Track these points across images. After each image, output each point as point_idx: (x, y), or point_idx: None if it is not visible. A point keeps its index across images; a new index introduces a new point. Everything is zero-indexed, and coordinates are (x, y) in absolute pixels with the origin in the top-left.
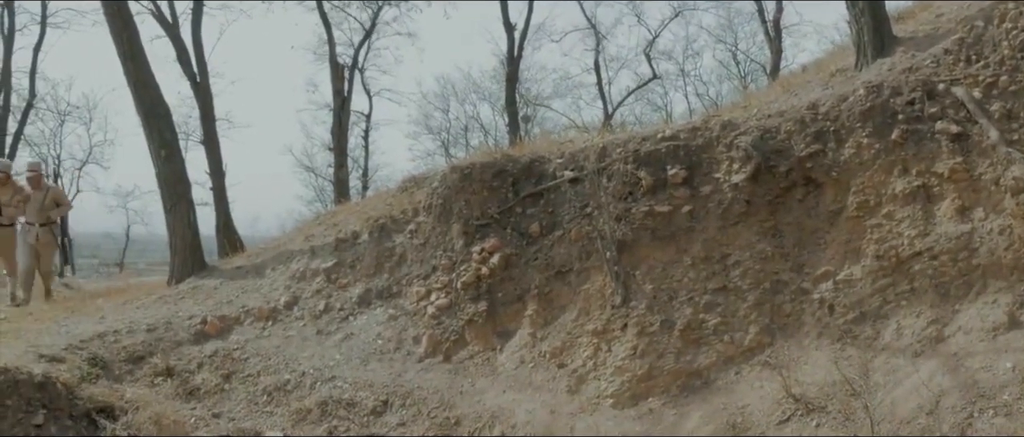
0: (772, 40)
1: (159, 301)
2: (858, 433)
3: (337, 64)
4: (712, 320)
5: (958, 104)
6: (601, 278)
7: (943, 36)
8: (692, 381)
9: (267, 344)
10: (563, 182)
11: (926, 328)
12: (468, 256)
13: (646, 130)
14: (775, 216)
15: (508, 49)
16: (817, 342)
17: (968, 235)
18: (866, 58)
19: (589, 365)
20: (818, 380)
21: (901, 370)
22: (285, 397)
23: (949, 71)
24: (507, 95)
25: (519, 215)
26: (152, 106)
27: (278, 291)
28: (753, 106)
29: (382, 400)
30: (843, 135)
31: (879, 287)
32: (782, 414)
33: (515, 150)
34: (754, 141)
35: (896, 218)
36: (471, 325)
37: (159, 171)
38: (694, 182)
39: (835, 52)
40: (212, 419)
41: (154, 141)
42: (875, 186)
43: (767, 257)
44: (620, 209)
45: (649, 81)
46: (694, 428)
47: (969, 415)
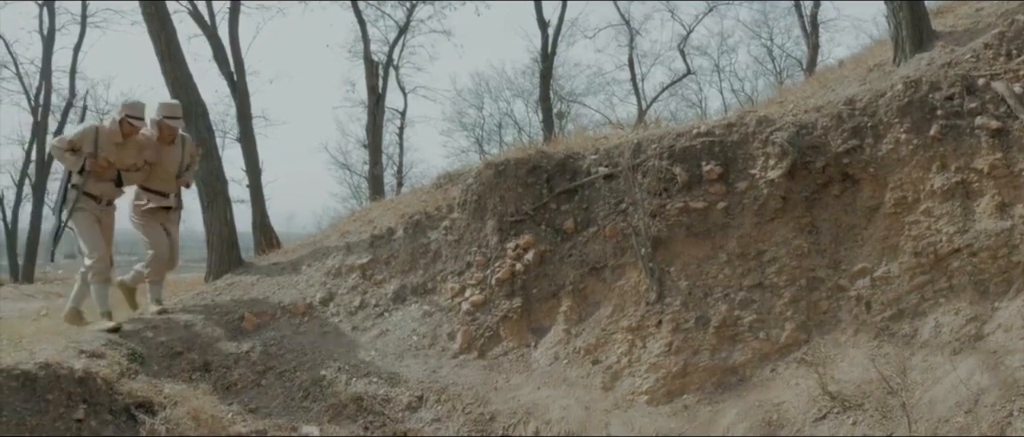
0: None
1: (196, 297)
2: (895, 431)
3: (372, 61)
4: (747, 317)
5: (998, 99)
6: (636, 274)
7: (982, 30)
8: (727, 378)
9: (303, 340)
10: (597, 178)
11: (965, 326)
12: (503, 252)
13: (681, 126)
14: (811, 212)
15: (542, 46)
16: (854, 339)
17: (1008, 232)
18: (904, 53)
19: (624, 361)
20: (855, 377)
21: (939, 368)
22: (321, 393)
23: (989, 66)
24: (541, 91)
25: (553, 211)
26: (189, 104)
27: (314, 287)
28: (789, 102)
29: (417, 396)
30: (881, 131)
31: (917, 284)
32: (818, 411)
33: (549, 146)
34: (790, 137)
35: (934, 215)
36: (506, 321)
37: (197, 169)
38: (729, 178)
39: (873, 47)
40: (248, 414)
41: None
42: (913, 182)
43: (803, 254)
44: (655, 205)
45: (683, 77)
46: (729, 425)
47: (1008, 413)
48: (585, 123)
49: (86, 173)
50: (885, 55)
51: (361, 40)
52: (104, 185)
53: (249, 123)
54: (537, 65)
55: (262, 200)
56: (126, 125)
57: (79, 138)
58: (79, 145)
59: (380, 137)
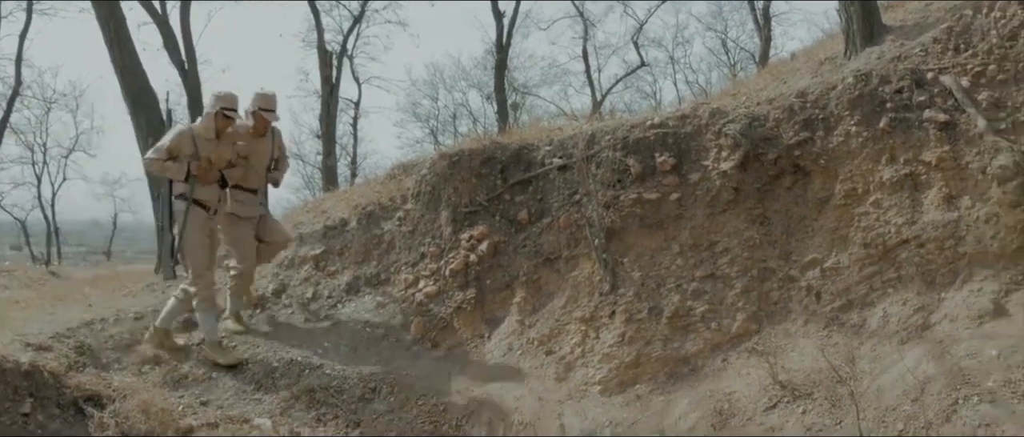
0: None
1: (147, 289)
2: (843, 420)
3: (326, 51)
4: (700, 307)
5: (946, 93)
6: (589, 265)
7: (932, 25)
8: (679, 368)
9: (255, 332)
10: (552, 169)
11: (912, 316)
12: (456, 243)
13: (635, 118)
14: (763, 204)
15: (497, 37)
16: (804, 329)
17: (954, 223)
18: (855, 46)
19: (577, 352)
20: (805, 367)
21: (887, 357)
22: (273, 385)
23: (937, 60)
24: (496, 82)
25: (507, 202)
26: (139, 94)
27: (266, 279)
28: (742, 94)
29: (371, 387)
30: (832, 123)
31: (866, 275)
32: (769, 401)
33: (504, 137)
34: (743, 129)
35: (883, 206)
36: (459, 312)
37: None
38: (682, 170)
39: (824, 40)
40: (200, 407)
41: (141, 129)
42: (863, 174)
43: (755, 245)
44: (609, 196)
45: (638, 68)
46: (681, 414)
47: (954, 402)
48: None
49: (192, 179)
50: (836, 48)
51: (315, 29)
52: (210, 189)
53: (201, 113)
54: (492, 56)
55: None
56: (221, 118)
57: (176, 143)
58: (177, 151)
59: (334, 127)
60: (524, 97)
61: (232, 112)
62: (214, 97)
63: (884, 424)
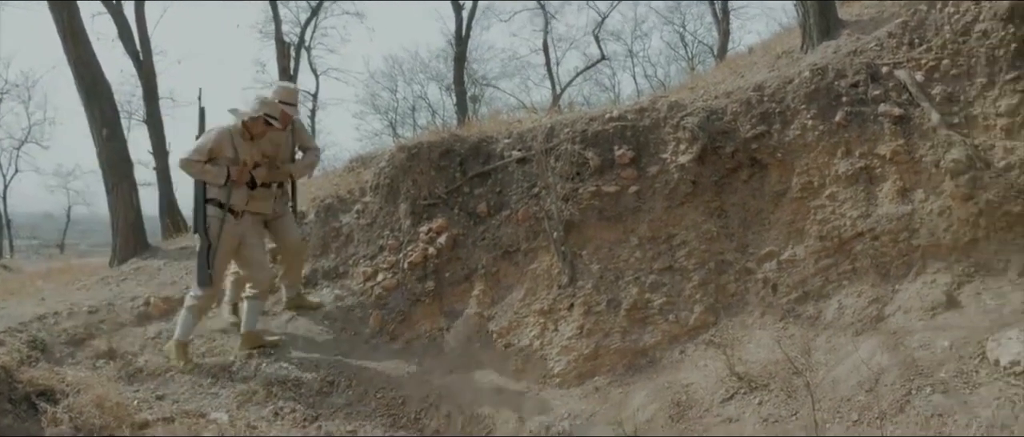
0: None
1: (101, 282)
2: (799, 411)
3: (283, 42)
4: (658, 300)
5: (901, 87)
6: (548, 258)
7: (887, 19)
8: (637, 360)
9: (211, 325)
10: (511, 162)
11: (867, 307)
12: (415, 236)
13: (594, 111)
14: (721, 197)
15: (456, 28)
16: (761, 321)
17: (908, 216)
18: (812, 40)
19: (536, 344)
20: (761, 358)
21: (842, 349)
22: (230, 379)
23: (892, 54)
24: (455, 75)
25: (467, 195)
26: (93, 84)
27: None
28: (700, 87)
29: (328, 381)
30: (788, 117)
31: (822, 267)
32: (726, 392)
33: (463, 130)
34: (700, 122)
35: (839, 199)
36: (418, 305)
37: (100, 151)
38: (641, 163)
39: (782, 34)
40: (156, 401)
41: (95, 120)
42: (819, 167)
43: (712, 237)
44: (567, 189)
45: (597, 62)
46: (639, 406)
47: (907, 392)
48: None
49: (230, 184)
50: (793, 42)
51: (272, 20)
52: (241, 192)
53: (156, 104)
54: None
55: (169, 183)
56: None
57: (217, 144)
58: (219, 153)
59: None
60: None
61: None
62: (259, 101)
63: (839, 414)
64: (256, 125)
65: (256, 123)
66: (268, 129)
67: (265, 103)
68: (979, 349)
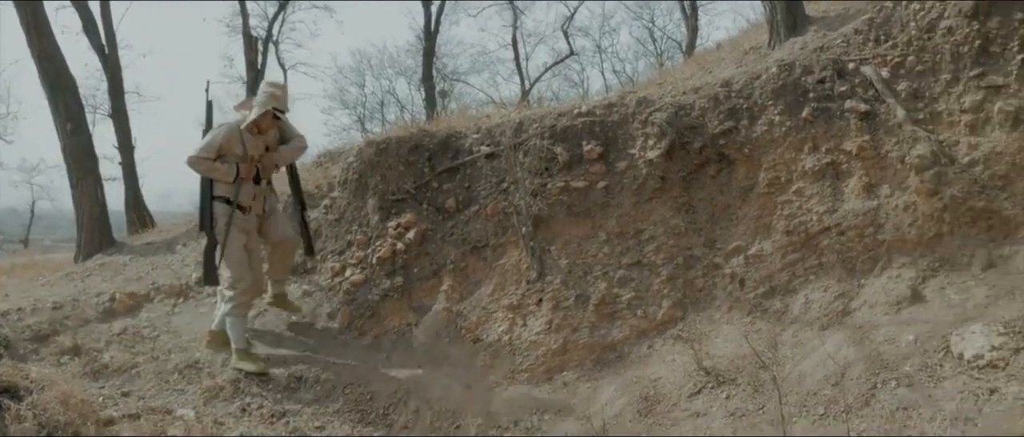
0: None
1: (65, 278)
2: (766, 405)
3: (251, 37)
4: (626, 295)
5: (867, 83)
6: (517, 253)
7: (854, 16)
8: (606, 355)
9: (178, 321)
10: (479, 157)
11: (833, 302)
12: (384, 231)
13: (562, 106)
14: (688, 192)
15: (425, 23)
16: (728, 316)
17: (874, 211)
18: (779, 36)
19: (504, 339)
20: (729, 353)
21: (808, 343)
22: (197, 375)
23: (859, 50)
24: (424, 70)
25: (435, 190)
26: (57, 78)
27: (190, 267)
28: (668, 83)
29: (296, 377)
30: (756, 112)
31: (788, 262)
32: (693, 386)
33: (431, 125)
34: (669, 118)
35: (806, 194)
36: (386, 300)
37: (65, 145)
38: (609, 158)
39: (749, 30)
40: (121, 398)
41: (59, 114)
42: (786, 163)
43: (680, 232)
44: (536, 184)
45: (566, 57)
46: (608, 400)
47: (872, 386)
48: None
49: (239, 181)
50: (761, 39)
51: (240, 14)
52: (249, 188)
53: (121, 98)
54: (420, 43)
55: (135, 178)
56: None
57: (226, 141)
58: (227, 150)
59: None
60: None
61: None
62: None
63: (805, 408)
64: (264, 119)
65: (264, 117)
66: (276, 123)
67: (273, 96)
68: (943, 343)
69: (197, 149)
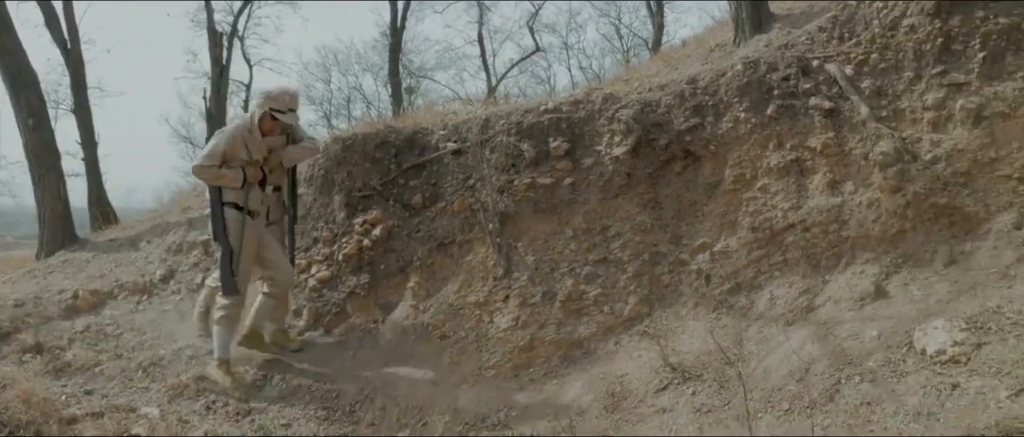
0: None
1: (27, 275)
2: (731, 400)
3: (215, 32)
4: (593, 291)
5: (831, 80)
6: (483, 250)
7: (818, 14)
8: (573, 351)
9: (142, 319)
10: (446, 154)
11: (798, 298)
12: (350, 228)
13: (529, 103)
14: (655, 189)
15: (391, 20)
16: (694, 312)
17: (838, 208)
18: (744, 34)
19: (471, 336)
20: (694, 349)
21: (773, 339)
22: (161, 373)
23: (823, 48)
24: (390, 66)
25: (402, 187)
26: (18, 73)
27: (154, 264)
28: (634, 80)
29: (262, 374)
30: (721, 109)
31: (754, 258)
32: (660, 382)
33: (398, 122)
34: (635, 114)
35: (771, 191)
36: (353, 297)
37: (26, 141)
38: (576, 155)
39: (715, 28)
40: (84, 396)
41: (21, 110)
42: (751, 160)
43: (647, 229)
44: (503, 181)
45: (532, 54)
46: (575, 397)
47: (837, 381)
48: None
49: (247, 186)
50: (726, 36)
51: (204, 9)
52: (257, 193)
53: (84, 93)
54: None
55: (98, 174)
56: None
57: (231, 146)
58: (232, 155)
59: (224, 110)
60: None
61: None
62: (263, 96)
63: (770, 404)
64: (264, 121)
65: (264, 120)
66: (275, 125)
67: (270, 97)
68: (906, 339)
69: (201, 157)
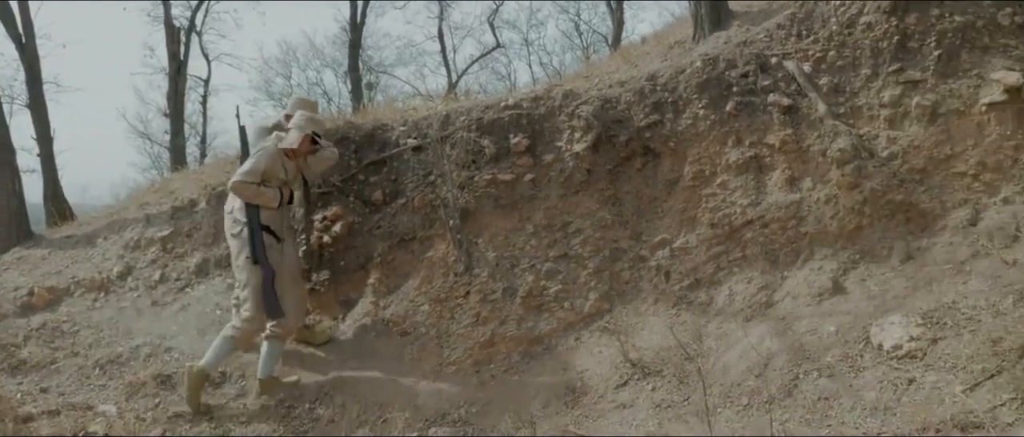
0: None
1: None
2: (691, 396)
3: (173, 27)
4: (553, 287)
5: (789, 77)
6: (444, 246)
7: (776, 11)
8: (533, 347)
9: (99, 316)
10: (406, 150)
11: (756, 294)
12: (310, 224)
13: (489, 99)
14: (615, 185)
15: (351, 15)
16: (654, 308)
17: (796, 204)
18: (703, 31)
19: (432, 332)
20: (654, 345)
21: (732, 334)
22: (118, 370)
23: (781, 45)
24: (350, 62)
25: (362, 183)
26: None
27: (111, 261)
28: (594, 76)
29: (220, 371)
30: (681, 106)
31: (713, 254)
32: (620, 378)
33: (358, 117)
34: (595, 111)
35: (730, 187)
36: (313, 294)
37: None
38: (536, 151)
39: (674, 24)
40: (40, 394)
41: None
42: (710, 156)
43: (607, 225)
44: (463, 177)
45: (493, 50)
46: (535, 393)
47: (795, 376)
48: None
49: (285, 207)
50: (685, 33)
51: (161, 4)
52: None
53: (40, 88)
54: (346, 35)
55: (54, 170)
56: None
57: (270, 166)
58: (271, 175)
59: (182, 105)
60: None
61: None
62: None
63: (729, 399)
64: (305, 144)
65: (304, 142)
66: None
67: (313, 121)
68: (864, 334)
69: (242, 173)
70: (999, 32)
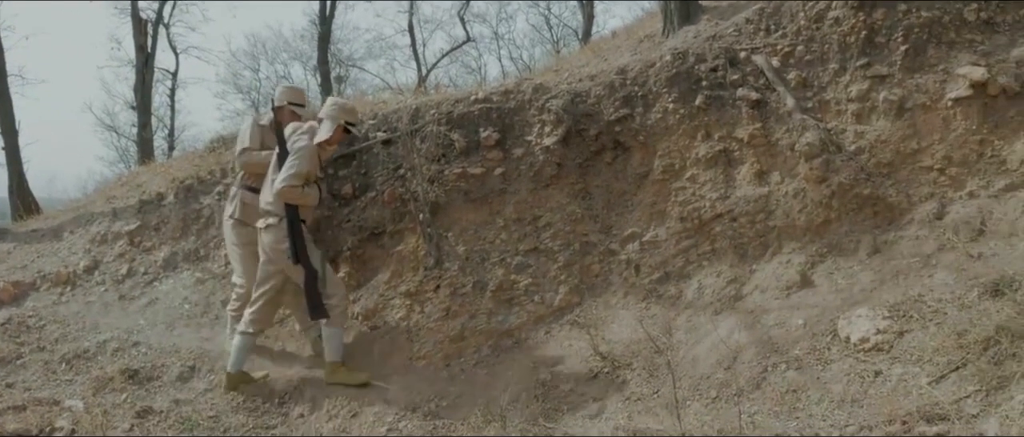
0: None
1: None
2: (660, 388)
3: (140, 19)
4: (523, 281)
5: (758, 72)
6: (414, 240)
7: (745, 6)
8: (503, 341)
9: (65, 310)
10: (376, 143)
11: (725, 287)
12: None
13: (459, 92)
14: (585, 179)
15: (320, 8)
16: (624, 301)
17: (765, 198)
18: (673, 25)
19: (402, 326)
20: (624, 338)
21: (702, 328)
22: (85, 365)
23: (750, 40)
24: (319, 55)
25: (331, 177)
26: None
27: (77, 255)
28: (564, 70)
29: (189, 366)
30: (650, 100)
31: (682, 248)
32: (590, 371)
33: None
34: (565, 105)
35: (699, 181)
36: None
37: None
38: (506, 144)
39: (644, 18)
40: (5, 389)
41: None
42: (680, 150)
43: (577, 219)
44: (433, 171)
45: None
46: (505, 386)
47: (764, 369)
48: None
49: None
50: (655, 27)
51: None
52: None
53: (4, 81)
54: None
55: (19, 163)
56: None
57: (312, 163)
58: (311, 176)
59: (149, 98)
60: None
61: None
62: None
63: (699, 392)
64: (337, 134)
65: (337, 132)
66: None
67: (344, 109)
68: (831, 327)
69: (291, 178)
70: (965, 28)
